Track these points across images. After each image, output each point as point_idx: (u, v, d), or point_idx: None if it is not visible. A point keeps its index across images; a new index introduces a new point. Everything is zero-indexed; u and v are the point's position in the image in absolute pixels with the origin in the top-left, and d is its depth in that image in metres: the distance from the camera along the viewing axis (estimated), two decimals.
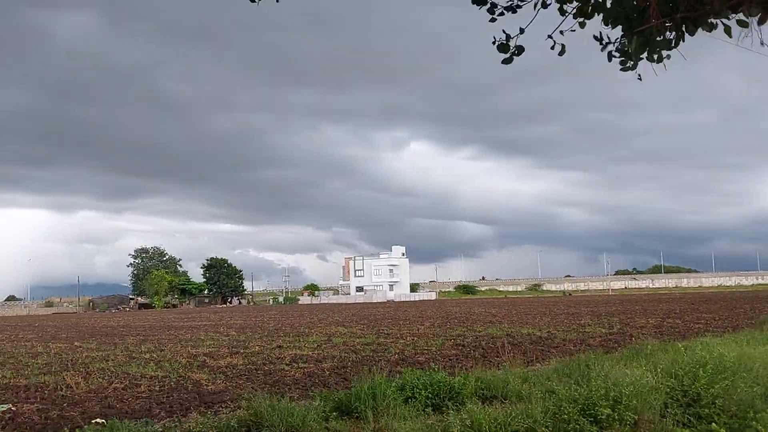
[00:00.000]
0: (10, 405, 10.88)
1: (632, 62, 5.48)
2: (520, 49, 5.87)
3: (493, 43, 5.86)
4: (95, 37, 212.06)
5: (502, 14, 5.83)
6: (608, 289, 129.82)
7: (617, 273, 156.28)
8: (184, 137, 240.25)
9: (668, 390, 8.76)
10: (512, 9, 5.80)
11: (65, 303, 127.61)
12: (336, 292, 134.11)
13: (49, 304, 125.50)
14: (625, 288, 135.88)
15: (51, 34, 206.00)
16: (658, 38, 5.09)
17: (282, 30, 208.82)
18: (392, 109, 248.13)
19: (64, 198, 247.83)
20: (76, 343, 26.04)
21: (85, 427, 7.68)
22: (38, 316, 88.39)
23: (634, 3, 5.15)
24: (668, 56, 5.36)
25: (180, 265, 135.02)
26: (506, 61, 5.92)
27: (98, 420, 9.06)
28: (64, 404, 10.94)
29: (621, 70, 5.64)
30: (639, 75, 5.65)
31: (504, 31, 5.83)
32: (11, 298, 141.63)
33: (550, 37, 5.74)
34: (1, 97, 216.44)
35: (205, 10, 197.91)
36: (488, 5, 5.81)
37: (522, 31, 5.81)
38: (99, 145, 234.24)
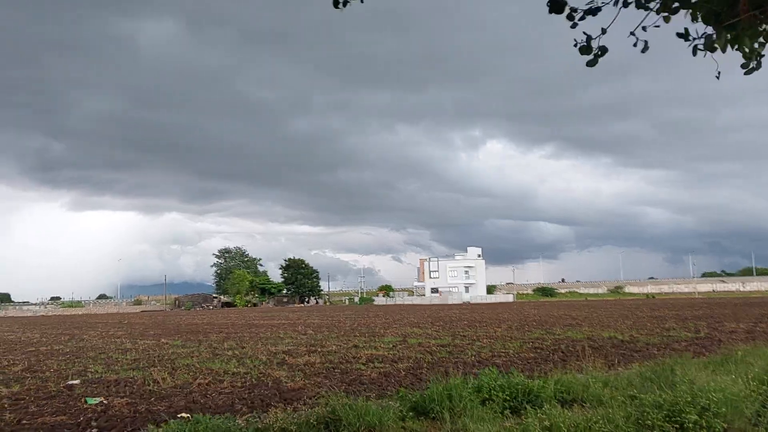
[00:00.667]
0: (102, 398, 11.44)
1: (756, 62, 5.23)
2: (603, 50, 5.69)
3: (575, 45, 5.71)
4: (177, 44, 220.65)
5: (582, 18, 5.67)
6: (694, 292, 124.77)
7: (704, 275, 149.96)
8: (262, 140, 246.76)
9: (761, 398, 8.35)
10: (592, 12, 5.64)
11: (153, 301, 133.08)
12: (411, 293, 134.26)
13: (138, 302, 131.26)
14: (713, 291, 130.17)
15: (135, 41, 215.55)
16: (749, 32, 4.87)
17: (357, 31, 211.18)
18: (467, 108, 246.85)
19: (151, 201, 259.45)
20: (162, 340, 27.08)
21: (171, 421, 7.98)
22: (127, 313, 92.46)
23: None
24: (762, 55, 5.12)
25: (260, 265, 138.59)
26: (590, 63, 5.76)
27: (183, 414, 9.41)
28: (152, 398, 11.41)
29: (745, 74, 5.40)
30: (719, 72, 5.41)
31: (585, 33, 5.67)
32: (102, 297, 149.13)
33: (632, 34, 5.56)
34: (90, 103, 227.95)
35: (282, 14, 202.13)
36: (567, 12, 5.66)
37: (604, 31, 5.64)
38: (182, 148, 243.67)
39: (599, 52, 5.69)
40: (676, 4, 5.36)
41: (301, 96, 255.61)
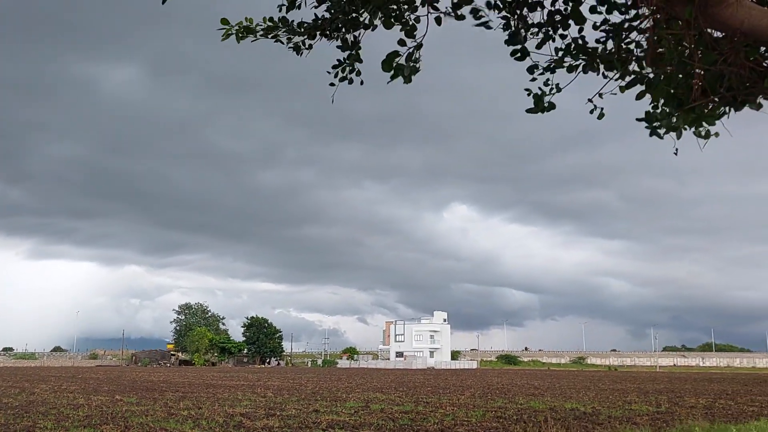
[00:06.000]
0: None
1: (678, 134, 5.50)
2: (551, 105, 5.98)
3: (528, 94, 6.00)
4: (141, 90, 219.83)
5: (542, 74, 5.99)
6: (656, 366, 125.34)
7: (665, 349, 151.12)
8: (229, 192, 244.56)
9: None
10: (551, 69, 5.97)
11: (109, 356, 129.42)
12: (375, 356, 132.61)
13: (94, 357, 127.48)
14: (674, 365, 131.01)
15: (97, 86, 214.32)
16: (706, 114, 5.13)
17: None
18: (435, 168, 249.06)
19: (111, 251, 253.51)
20: (117, 397, 26.24)
21: None
22: (82, 368, 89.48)
23: (683, 80, 5.21)
24: (716, 133, 5.38)
25: (223, 323, 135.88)
26: (531, 110, 6.02)
27: None
28: None
29: (650, 135, 5.69)
30: (676, 149, 5.67)
31: (540, 88, 5.97)
32: (57, 349, 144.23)
33: (590, 101, 5.84)
34: (49, 148, 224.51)
35: (251, 63, 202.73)
36: (529, 63, 6.00)
37: (559, 89, 5.94)
38: (144, 198, 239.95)
39: (547, 106, 5.99)
40: (641, 88, 5.63)
41: (270, 147, 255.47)
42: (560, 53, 5.94)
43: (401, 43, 6.15)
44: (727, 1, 4.44)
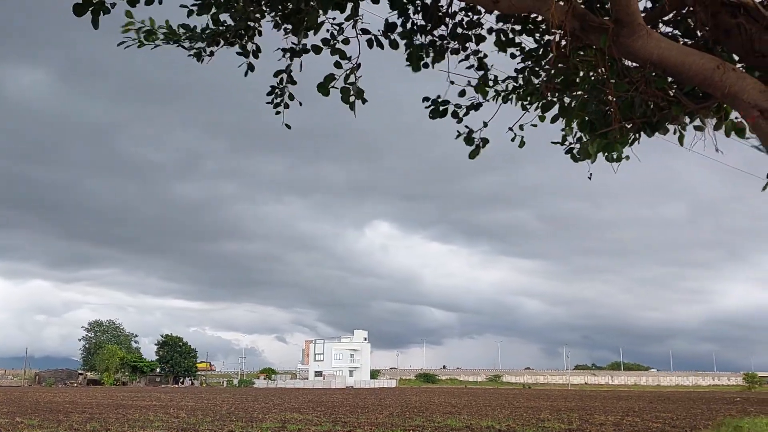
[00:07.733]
0: None
1: (592, 158, 5.70)
2: (485, 141, 6.10)
3: (457, 137, 6.10)
4: (51, 95, 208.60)
5: (467, 114, 6.10)
6: (568, 384, 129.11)
7: (577, 368, 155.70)
8: (143, 204, 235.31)
9: None
10: (474, 108, 6.10)
11: (10, 376, 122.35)
12: (294, 376, 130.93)
13: None
14: (585, 383, 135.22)
15: (2, 88, 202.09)
16: (618, 140, 5.35)
17: (253, 94, 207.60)
18: (358, 184, 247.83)
19: (15, 264, 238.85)
20: (17, 419, 24.80)
21: None
22: None
23: (597, 107, 5.42)
24: (627, 157, 5.61)
25: (136, 341, 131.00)
26: (472, 155, 6.11)
27: None
28: None
29: (565, 152, 5.91)
30: (590, 174, 5.89)
31: (467, 127, 6.08)
32: None
33: (510, 129, 6.01)
34: None
35: (172, 71, 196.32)
36: (451, 111, 6.11)
37: (485, 124, 6.06)
38: (52, 208, 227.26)
39: (481, 143, 6.10)
40: (555, 112, 5.83)
41: (188, 158, 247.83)
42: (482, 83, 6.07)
43: (337, 65, 6.08)
44: (638, 33, 4.65)
